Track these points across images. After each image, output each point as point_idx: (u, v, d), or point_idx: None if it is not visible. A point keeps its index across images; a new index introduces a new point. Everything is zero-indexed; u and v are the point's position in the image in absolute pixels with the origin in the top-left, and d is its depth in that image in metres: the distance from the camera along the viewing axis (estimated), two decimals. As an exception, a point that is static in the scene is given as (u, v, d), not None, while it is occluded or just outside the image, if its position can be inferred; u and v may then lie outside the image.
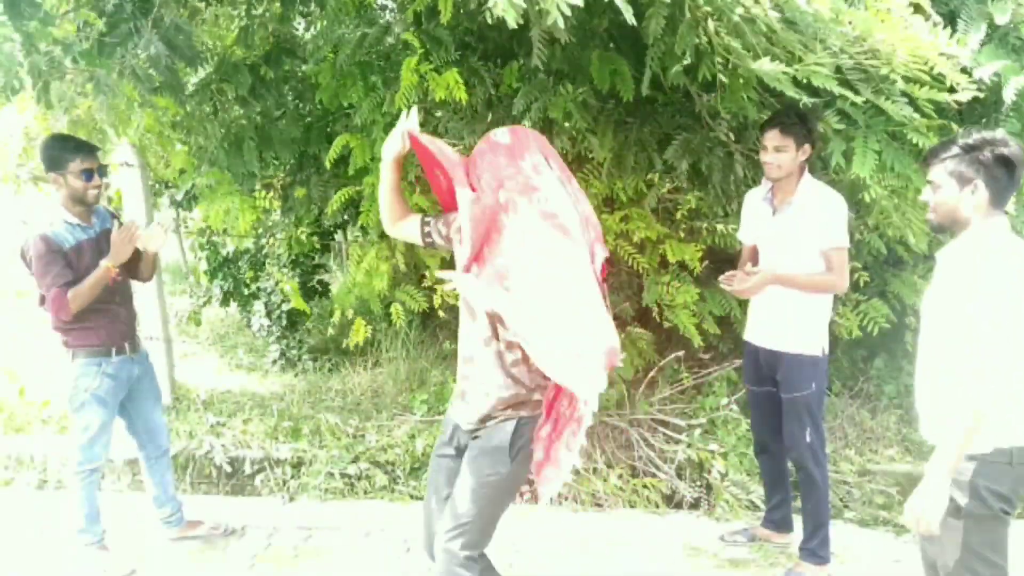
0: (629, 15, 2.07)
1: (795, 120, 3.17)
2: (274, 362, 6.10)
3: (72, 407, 3.45)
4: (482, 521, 2.44)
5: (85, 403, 3.41)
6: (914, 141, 3.00)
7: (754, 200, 3.50)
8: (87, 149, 3.33)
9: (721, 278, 3.45)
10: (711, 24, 2.37)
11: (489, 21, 1.99)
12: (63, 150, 3.28)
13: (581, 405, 2.19)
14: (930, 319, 2.41)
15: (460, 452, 2.55)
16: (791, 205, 3.27)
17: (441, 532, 2.45)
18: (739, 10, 2.20)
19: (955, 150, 2.29)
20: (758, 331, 3.48)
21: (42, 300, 3.32)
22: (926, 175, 2.40)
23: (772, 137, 3.21)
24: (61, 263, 3.24)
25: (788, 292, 3.28)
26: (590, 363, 2.09)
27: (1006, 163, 2.23)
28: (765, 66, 2.34)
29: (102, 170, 3.38)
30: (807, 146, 3.22)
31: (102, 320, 3.38)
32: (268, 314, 6.00)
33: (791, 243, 3.28)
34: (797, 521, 3.65)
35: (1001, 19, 2.86)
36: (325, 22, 3.81)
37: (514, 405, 2.40)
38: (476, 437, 2.48)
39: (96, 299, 3.29)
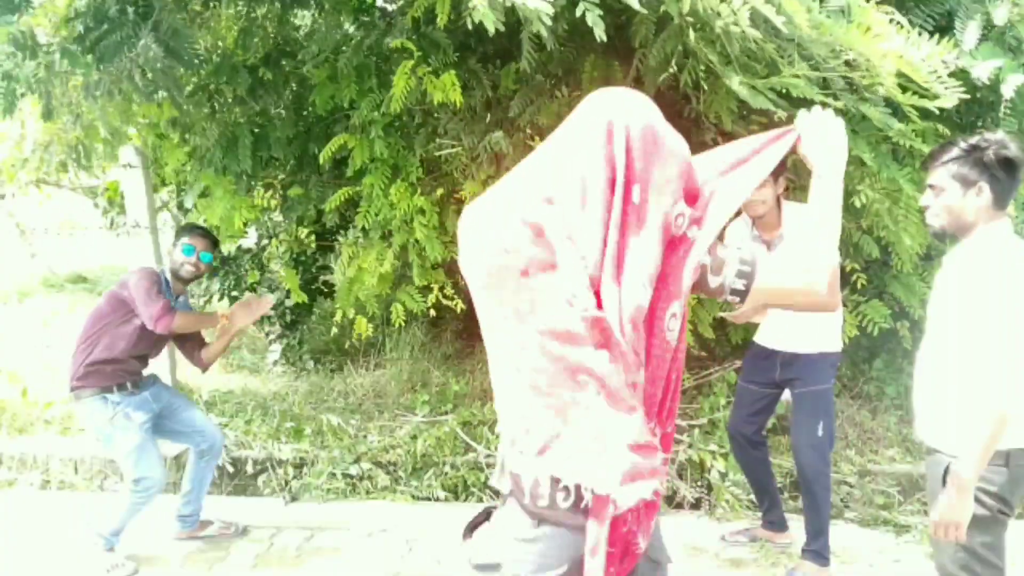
0: (599, 31, 2.08)
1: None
2: (275, 363, 6.11)
3: (107, 445, 3.55)
4: None
5: (110, 436, 3.50)
6: (904, 145, 3.00)
7: (741, 235, 3.46)
8: (200, 234, 3.66)
9: (725, 314, 3.45)
10: (692, 34, 2.37)
11: (469, 25, 1.99)
12: (183, 230, 3.73)
13: None
14: (935, 321, 2.40)
15: None
16: (783, 239, 3.26)
17: None
18: (719, 22, 2.20)
19: (957, 152, 2.28)
20: (777, 336, 3.47)
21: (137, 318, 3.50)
22: (927, 179, 2.38)
23: None
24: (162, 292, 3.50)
25: None
26: None
27: (1008, 164, 2.23)
28: (734, 82, 2.34)
29: (205, 256, 3.62)
30: (782, 179, 3.24)
31: (112, 362, 3.50)
32: (271, 314, 6.00)
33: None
34: (791, 519, 3.70)
35: (1000, 17, 2.85)
36: (323, 28, 3.81)
37: None
38: None
39: (124, 349, 3.50)
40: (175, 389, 3.83)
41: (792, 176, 3.55)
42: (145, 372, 3.71)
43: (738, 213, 3.42)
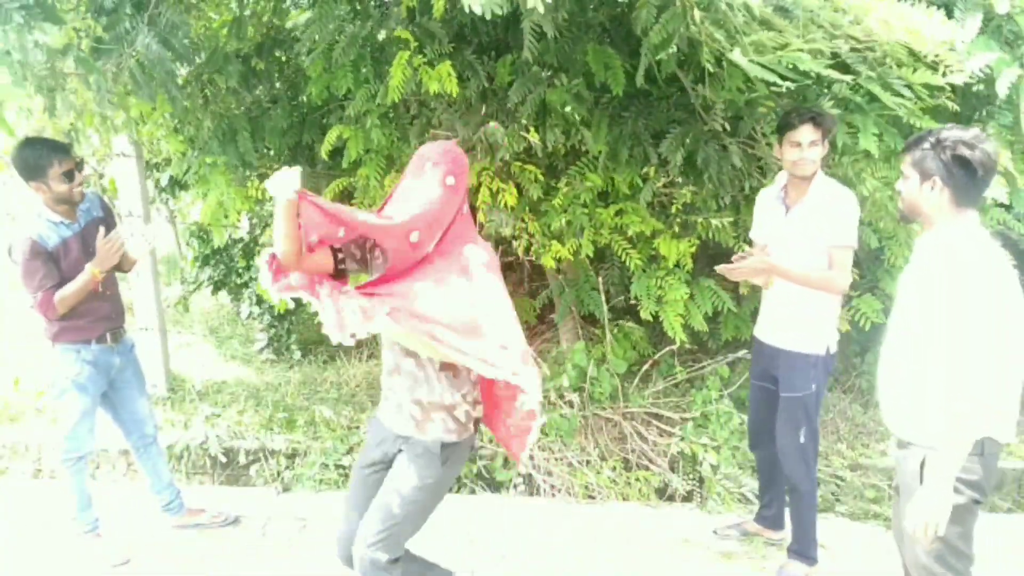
0: None
1: (824, 114, 3.07)
2: (260, 350, 6.10)
3: (54, 395, 3.50)
4: (410, 526, 2.48)
5: (65, 390, 3.44)
6: (912, 124, 2.99)
7: (767, 199, 3.43)
8: (63, 150, 3.27)
9: (720, 267, 3.33)
10: (697, 13, 2.36)
11: (465, 6, 1.99)
12: (40, 157, 3.21)
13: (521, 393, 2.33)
14: (897, 312, 2.45)
15: (388, 462, 2.57)
16: (804, 204, 3.20)
17: (363, 540, 2.44)
18: None
19: (925, 144, 2.31)
20: (765, 328, 3.46)
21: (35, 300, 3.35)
22: (901, 164, 2.44)
23: (807, 131, 3.06)
24: (47, 266, 3.25)
25: (794, 290, 3.22)
26: (515, 357, 2.21)
27: (965, 165, 2.23)
28: (738, 58, 2.34)
29: (80, 166, 3.36)
30: (826, 142, 3.13)
31: (82, 312, 3.38)
32: (258, 302, 5.99)
33: (803, 241, 3.20)
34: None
35: (1002, 7, 2.84)
36: (318, 17, 3.79)
37: (444, 409, 2.44)
38: (407, 443, 2.49)
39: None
40: (141, 372, 3.77)
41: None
42: (121, 305, 3.61)
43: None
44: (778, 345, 3.35)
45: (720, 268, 3.32)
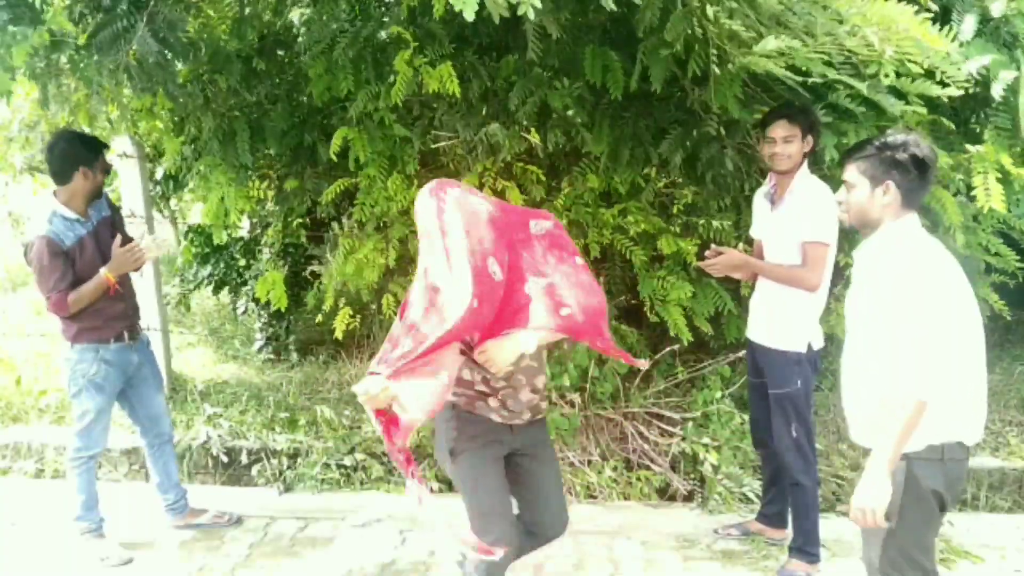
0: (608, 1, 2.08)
1: (800, 110, 3.18)
2: (259, 350, 6.10)
3: (70, 393, 3.52)
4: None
5: (82, 389, 3.47)
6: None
7: (760, 195, 3.52)
8: (105, 145, 3.53)
9: (697, 263, 3.47)
10: (710, 10, 2.36)
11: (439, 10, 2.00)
12: (92, 148, 3.43)
13: None
14: (850, 321, 2.44)
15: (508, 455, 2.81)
16: (786, 200, 3.29)
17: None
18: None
19: (870, 150, 2.36)
20: (751, 326, 3.54)
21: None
22: (843, 175, 2.45)
23: (781, 127, 3.18)
24: (63, 266, 3.31)
25: (772, 287, 3.31)
26: None
27: (919, 164, 2.29)
28: (770, 44, 2.31)
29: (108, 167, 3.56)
30: (810, 137, 3.20)
31: (99, 311, 3.43)
32: (255, 299, 5.99)
33: (785, 236, 3.29)
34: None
35: (996, 10, 2.86)
36: (318, 17, 3.79)
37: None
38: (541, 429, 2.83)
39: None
40: (158, 370, 3.83)
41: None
42: (136, 303, 3.71)
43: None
44: (761, 342, 3.43)
45: (698, 264, 3.46)
